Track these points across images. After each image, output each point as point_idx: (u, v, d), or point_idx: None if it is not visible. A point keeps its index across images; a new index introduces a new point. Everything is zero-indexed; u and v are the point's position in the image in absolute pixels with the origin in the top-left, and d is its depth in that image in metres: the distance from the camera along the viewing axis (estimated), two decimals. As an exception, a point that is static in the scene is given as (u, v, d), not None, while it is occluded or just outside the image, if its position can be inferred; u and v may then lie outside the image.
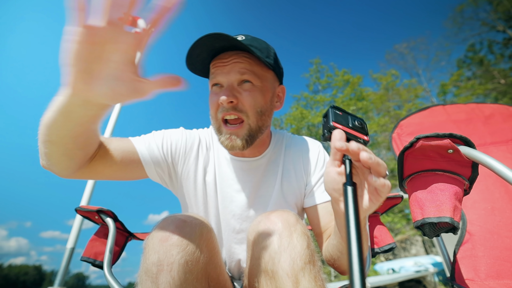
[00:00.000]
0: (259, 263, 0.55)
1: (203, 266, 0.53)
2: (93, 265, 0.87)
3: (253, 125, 0.74)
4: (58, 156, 0.56)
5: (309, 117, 13.62)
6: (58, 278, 1.80)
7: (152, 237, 0.52)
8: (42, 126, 0.51)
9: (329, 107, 0.50)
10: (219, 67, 0.73)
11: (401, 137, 1.15)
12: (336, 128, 0.47)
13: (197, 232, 0.54)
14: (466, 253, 0.84)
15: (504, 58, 13.88)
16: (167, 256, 0.49)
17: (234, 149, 0.74)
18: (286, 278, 0.49)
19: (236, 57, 0.72)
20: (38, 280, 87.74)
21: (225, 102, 0.70)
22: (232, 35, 0.71)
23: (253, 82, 0.73)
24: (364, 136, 0.49)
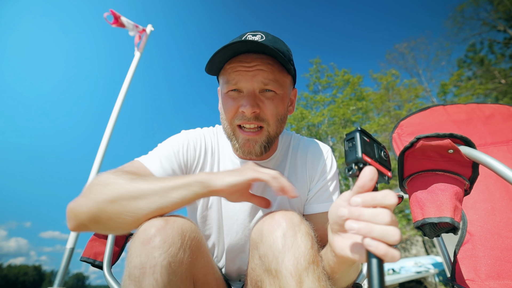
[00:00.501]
0: (263, 262, 0.55)
1: (187, 267, 0.52)
2: (93, 265, 0.87)
3: (272, 132, 0.72)
4: (142, 218, 0.56)
5: (309, 117, 13.61)
6: (57, 278, 1.80)
7: (134, 240, 0.51)
8: (154, 204, 0.56)
9: (356, 130, 0.42)
10: (240, 71, 0.68)
11: (402, 137, 1.15)
12: (366, 163, 0.40)
13: (179, 233, 0.52)
14: (466, 254, 0.84)
15: (505, 58, 13.87)
16: (149, 259, 0.48)
17: (251, 155, 0.72)
18: (290, 278, 0.49)
19: (260, 64, 0.68)
20: (38, 280, 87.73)
21: (249, 112, 0.67)
22: (257, 36, 0.69)
23: (276, 91, 0.70)
24: (388, 171, 0.43)
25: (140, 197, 0.55)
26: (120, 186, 0.57)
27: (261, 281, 0.56)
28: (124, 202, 0.55)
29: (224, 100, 0.73)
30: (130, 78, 3.00)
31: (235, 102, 0.70)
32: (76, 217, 0.57)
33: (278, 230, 0.55)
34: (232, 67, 0.69)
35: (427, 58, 16.99)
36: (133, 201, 0.55)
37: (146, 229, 0.52)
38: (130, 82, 3.00)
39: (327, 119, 13.83)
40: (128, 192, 0.56)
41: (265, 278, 0.54)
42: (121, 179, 0.58)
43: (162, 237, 0.50)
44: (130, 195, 0.55)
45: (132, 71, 3.05)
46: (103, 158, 2.53)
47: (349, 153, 0.41)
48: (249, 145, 0.71)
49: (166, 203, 0.56)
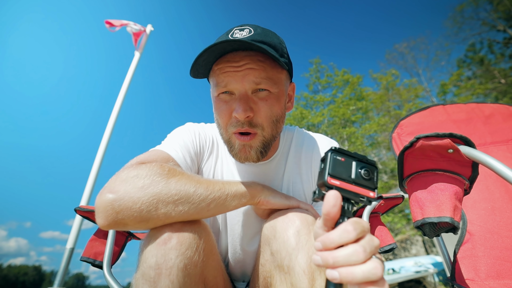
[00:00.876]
0: (275, 258, 0.55)
1: (200, 270, 0.52)
2: (93, 265, 0.87)
3: (267, 136, 0.68)
4: (176, 220, 0.54)
5: (309, 117, 13.60)
6: (57, 279, 1.80)
7: (149, 239, 0.51)
8: (199, 208, 0.55)
9: (330, 149, 0.40)
10: (229, 72, 0.63)
11: (401, 137, 1.15)
12: (332, 186, 0.37)
13: (196, 235, 0.52)
14: (466, 253, 0.84)
15: (505, 57, 13.88)
16: (165, 260, 0.47)
17: (247, 161, 0.68)
18: (303, 275, 0.49)
19: (249, 61, 0.62)
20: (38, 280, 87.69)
21: (242, 117, 0.62)
22: (241, 28, 0.65)
23: (270, 90, 0.65)
24: (369, 191, 0.39)
25: (201, 203, 0.54)
26: (179, 187, 0.53)
27: (271, 277, 0.56)
28: (188, 205, 0.53)
29: (216, 104, 0.68)
30: (130, 78, 3.00)
31: (227, 105, 0.65)
32: (118, 215, 0.49)
33: (292, 227, 0.55)
34: (220, 68, 0.64)
35: (427, 58, 17.02)
36: (191, 206, 0.53)
37: (162, 229, 0.51)
38: (130, 82, 3.00)
39: (327, 119, 13.83)
40: (190, 197, 0.53)
41: (275, 274, 0.54)
42: (175, 176, 0.55)
43: (180, 239, 0.49)
44: (192, 200, 0.53)
45: (132, 71, 3.05)
46: (103, 158, 2.52)
47: (319, 175, 0.39)
48: (244, 151, 0.67)
49: (222, 210, 0.59)
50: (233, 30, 0.65)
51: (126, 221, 0.49)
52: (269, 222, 0.61)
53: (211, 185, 0.58)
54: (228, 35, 0.64)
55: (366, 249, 0.32)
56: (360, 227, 0.33)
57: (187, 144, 0.75)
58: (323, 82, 15.30)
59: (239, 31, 0.65)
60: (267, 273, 0.57)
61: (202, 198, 0.55)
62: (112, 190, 0.50)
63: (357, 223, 0.34)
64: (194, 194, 0.54)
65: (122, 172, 0.54)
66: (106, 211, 0.49)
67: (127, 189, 0.50)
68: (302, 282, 0.49)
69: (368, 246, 0.32)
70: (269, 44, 0.63)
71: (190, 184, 0.55)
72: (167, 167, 0.56)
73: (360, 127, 13.48)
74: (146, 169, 0.54)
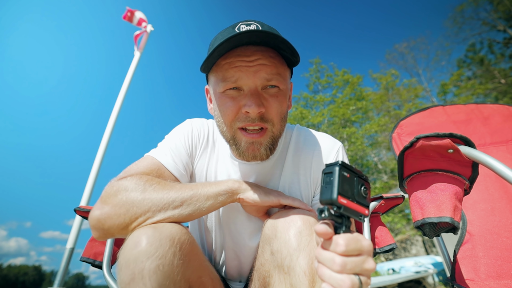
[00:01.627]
0: (275, 258, 0.54)
1: (181, 270, 0.51)
2: (93, 265, 0.87)
3: (276, 132, 0.66)
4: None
5: (309, 117, 13.61)
6: (57, 278, 1.80)
7: (123, 247, 0.51)
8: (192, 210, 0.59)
9: (336, 163, 0.38)
10: (240, 67, 0.60)
11: (401, 137, 1.15)
12: (341, 206, 0.37)
13: (168, 236, 0.52)
14: (466, 253, 0.84)
15: (505, 57, 13.89)
16: (137, 264, 0.47)
17: (255, 159, 0.66)
18: (303, 276, 0.49)
19: (261, 57, 0.61)
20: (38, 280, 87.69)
21: (255, 112, 0.61)
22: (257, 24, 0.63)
23: (279, 86, 0.64)
24: (365, 209, 0.40)
25: (173, 207, 0.57)
26: (151, 196, 0.57)
27: (269, 276, 0.55)
28: (155, 211, 0.56)
29: (220, 101, 0.65)
30: (130, 78, 3.00)
31: (235, 101, 0.63)
32: (105, 229, 0.57)
33: (293, 228, 0.54)
34: (229, 62, 0.61)
35: (427, 58, 17.03)
36: (166, 211, 0.56)
37: (134, 236, 0.51)
38: (130, 82, 3.00)
39: (327, 119, 13.84)
40: (160, 202, 0.56)
41: (275, 274, 0.54)
42: (149, 186, 0.58)
43: (149, 241, 0.49)
44: (162, 205, 0.56)
45: (132, 71, 3.05)
46: (103, 158, 2.52)
47: (324, 190, 0.38)
48: (253, 149, 0.65)
49: (199, 211, 0.59)
50: (238, 25, 0.63)
51: (112, 232, 0.57)
52: (270, 221, 0.60)
53: (183, 189, 0.60)
54: (235, 29, 0.62)
55: (346, 265, 0.34)
56: (354, 246, 0.35)
57: (178, 148, 0.75)
58: (323, 82, 15.32)
59: (245, 26, 0.62)
60: (267, 272, 0.56)
61: (176, 204, 0.57)
62: (99, 207, 0.58)
63: (352, 241, 0.35)
64: (168, 200, 0.57)
65: (109, 186, 0.60)
66: (95, 226, 0.58)
67: (110, 206, 0.57)
68: (302, 284, 0.48)
69: (351, 263, 0.35)
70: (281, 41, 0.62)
71: (163, 192, 0.58)
72: (145, 179, 0.60)
73: (360, 127, 13.49)
74: (126, 183, 0.59)
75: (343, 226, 0.38)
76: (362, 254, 0.36)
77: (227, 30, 0.64)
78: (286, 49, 0.61)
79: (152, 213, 0.55)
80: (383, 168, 13.23)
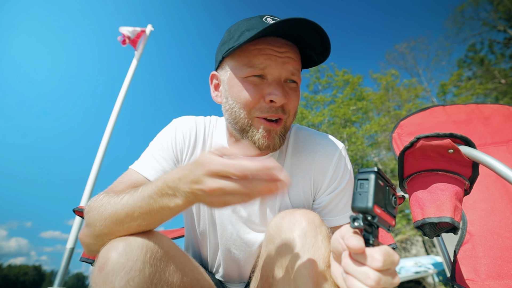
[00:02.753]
0: (279, 259, 0.54)
1: (154, 276, 0.50)
2: (93, 266, 0.87)
3: (288, 124, 0.68)
4: (125, 233, 0.57)
5: (309, 117, 13.61)
6: (57, 278, 1.80)
7: (94, 269, 0.50)
8: (138, 216, 0.53)
9: (372, 171, 0.37)
10: (270, 56, 0.61)
11: (402, 137, 1.15)
12: (375, 216, 0.36)
13: (136, 246, 0.50)
14: (466, 253, 0.84)
15: (505, 58, 13.90)
16: (106, 285, 0.46)
17: (269, 148, 0.66)
18: (307, 278, 0.48)
19: (289, 50, 0.63)
20: (38, 280, 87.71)
21: (282, 102, 0.62)
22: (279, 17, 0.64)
23: (297, 82, 0.67)
24: (393, 220, 0.39)
25: (138, 218, 0.53)
26: (111, 211, 0.54)
27: (273, 277, 0.55)
28: (116, 227, 0.54)
29: (242, 86, 0.64)
30: (130, 78, 3.01)
31: (257, 88, 0.63)
32: (89, 248, 0.59)
33: (298, 229, 0.54)
34: (259, 49, 0.61)
35: (427, 58, 17.04)
36: (135, 221, 0.53)
37: (102, 254, 0.50)
38: (130, 82, 3.00)
39: (327, 119, 13.84)
40: (117, 216, 0.53)
41: (279, 275, 0.53)
42: (110, 201, 0.56)
43: (117, 258, 0.48)
44: (120, 219, 0.53)
45: (132, 71, 3.05)
46: (103, 158, 2.53)
47: (358, 198, 0.36)
48: (269, 137, 0.64)
49: (155, 213, 0.54)
50: (265, 17, 0.64)
51: (94, 250, 0.57)
52: (274, 221, 0.59)
53: (138, 191, 0.55)
54: (262, 19, 0.63)
55: (380, 280, 0.34)
56: (389, 261, 0.35)
57: (163, 156, 0.73)
58: (323, 82, 15.32)
59: (271, 19, 0.64)
60: (270, 272, 0.56)
61: (135, 214, 0.53)
62: (83, 227, 0.60)
63: (387, 256, 0.35)
64: (121, 210, 0.54)
65: (86, 206, 0.61)
66: (82, 245, 0.61)
67: (85, 226, 0.59)
68: (307, 285, 0.48)
69: (384, 279, 0.35)
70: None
71: (118, 204, 0.55)
72: (112, 194, 0.58)
73: (360, 127, 13.49)
74: (93, 203, 0.59)
75: (373, 236, 0.37)
76: (392, 269, 0.36)
77: (255, 19, 0.64)
78: (316, 48, 0.63)
79: (119, 225, 0.53)
80: (383, 168, 13.23)
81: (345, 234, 0.38)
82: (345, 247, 0.38)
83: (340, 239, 0.40)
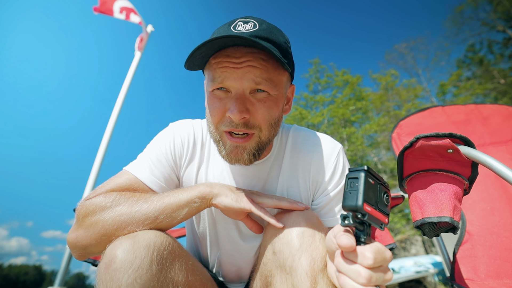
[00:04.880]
0: (277, 258, 0.54)
1: (160, 275, 0.51)
2: (93, 265, 0.87)
3: (264, 138, 0.63)
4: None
5: (308, 117, 13.62)
6: (58, 278, 1.80)
7: (100, 265, 0.50)
8: (170, 218, 0.60)
9: (362, 169, 0.38)
10: (228, 68, 0.58)
11: (401, 137, 1.16)
12: (365, 213, 0.36)
13: (143, 245, 0.51)
14: (465, 253, 0.84)
15: (504, 58, 13.91)
16: (113, 282, 0.46)
17: (238, 162, 0.64)
18: (305, 277, 0.49)
19: (251, 59, 0.57)
20: (38, 280, 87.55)
21: (237, 119, 0.57)
22: (244, 21, 0.59)
23: (269, 92, 0.60)
24: (386, 218, 0.40)
25: (146, 221, 0.57)
26: (122, 213, 0.57)
27: (271, 276, 0.55)
28: (131, 227, 0.56)
29: (209, 100, 0.63)
30: (130, 78, 3.01)
31: (221, 103, 0.60)
32: (82, 249, 0.59)
33: (296, 228, 0.55)
34: (217, 62, 0.59)
35: (427, 58, 17.03)
36: (140, 226, 0.56)
37: (109, 251, 0.51)
38: (131, 82, 3.00)
39: (327, 119, 13.84)
40: (133, 218, 0.56)
41: (277, 274, 0.54)
42: (120, 203, 0.58)
43: (124, 256, 0.48)
44: (136, 221, 0.56)
45: (132, 71, 3.05)
46: (103, 158, 2.53)
47: (348, 196, 0.37)
48: (236, 153, 0.62)
49: (172, 222, 0.59)
50: (236, 22, 0.60)
51: (90, 252, 0.59)
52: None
53: (155, 201, 0.60)
54: (230, 27, 0.59)
55: (372, 277, 0.35)
56: (380, 259, 0.36)
57: (160, 159, 0.72)
58: (322, 82, 15.33)
59: (242, 23, 0.59)
60: (269, 272, 0.56)
61: (150, 219, 0.57)
62: (74, 229, 0.59)
63: (378, 254, 0.36)
64: (140, 216, 0.57)
65: (80, 206, 0.61)
66: (73, 248, 0.60)
67: (83, 228, 0.58)
68: (304, 284, 0.48)
69: (376, 276, 0.35)
70: (274, 42, 0.58)
71: (135, 207, 0.58)
72: (113, 196, 0.60)
73: (359, 127, 13.49)
74: (96, 202, 0.59)
75: (364, 234, 0.38)
76: (384, 266, 0.37)
77: (223, 28, 0.62)
78: (276, 56, 0.56)
79: (123, 229, 0.56)
80: (383, 168, 13.23)
81: (337, 233, 0.39)
82: (338, 246, 0.39)
83: (333, 238, 0.41)
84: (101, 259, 0.51)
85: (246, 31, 0.57)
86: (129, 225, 0.56)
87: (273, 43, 0.58)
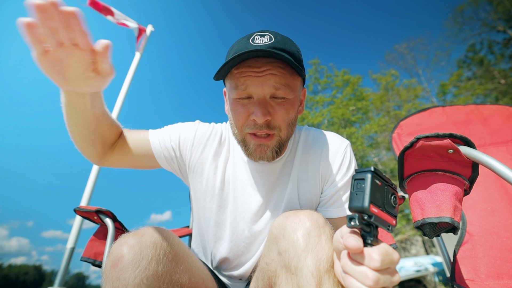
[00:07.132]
0: (282, 258, 0.54)
1: (166, 276, 0.52)
2: (93, 265, 0.87)
3: (283, 137, 0.71)
4: (80, 142, 0.73)
5: (308, 117, 13.61)
6: (58, 278, 1.80)
7: (107, 263, 0.51)
8: (64, 120, 0.68)
9: (369, 170, 0.37)
10: (250, 77, 0.65)
11: (401, 137, 1.16)
12: (372, 215, 0.36)
13: (149, 245, 0.52)
14: (466, 253, 0.84)
15: (504, 58, 13.91)
16: (120, 281, 0.47)
17: (262, 160, 0.72)
18: (311, 278, 0.49)
19: (271, 67, 0.65)
20: (38, 280, 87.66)
21: (261, 121, 0.65)
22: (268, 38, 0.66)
23: (287, 96, 0.68)
24: (393, 219, 0.39)
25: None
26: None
27: (276, 276, 0.55)
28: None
29: (233, 106, 0.71)
30: (130, 78, 3.00)
31: (245, 108, 0.68)
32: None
33: (302, 228, 0.54)
34: (240, 72, 0.66)
35: (427, 59, 17.03)
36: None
37: (115, 250, 0.52)
38: (131, 83, 3.00)
39: (327, 119, 13.84)
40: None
41: (281, 274, 0.54)
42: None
43: (131, 255, 0.49)
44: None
45: (132, 72, 3.05)
46: (103, 158, 2.52)
47: (355, 197, 0.37)
48: (260, 150, 0.70)
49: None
50: (253, 36, 0.68)
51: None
52: (278, 221, 0.60)
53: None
54: (249, 40, 0.67)
55: (379, 280, 0.35)
56: (387, 261, 0.35)
57: (172, 132, 0.83)
58: (322, 83, 15.32)
59: (259, 36, 0.67)
60: (272, 272, 0.56)
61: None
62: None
63: (386, 256, 0.35)
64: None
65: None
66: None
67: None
68: (309, 284, 0.48)
69: (383, 278, 0.35)
70: (288, 52, 0.65)
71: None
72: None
73: (360, 128, 13.49)
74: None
75: (371, 236, 0.37)
76: (391, 268, 0.36)
77: (242, 41, 0.69)
78: (292, 64, 0.63)
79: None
80: (383, 168, 13.23)
81: (345, 233, 0.39)
82: (343, 246, 0.39)
83: (340, 238, 0.41)
84: (108, 256, 0.52)
85: (264, 43, 0.64)
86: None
87: (288, 53, 0.65)
